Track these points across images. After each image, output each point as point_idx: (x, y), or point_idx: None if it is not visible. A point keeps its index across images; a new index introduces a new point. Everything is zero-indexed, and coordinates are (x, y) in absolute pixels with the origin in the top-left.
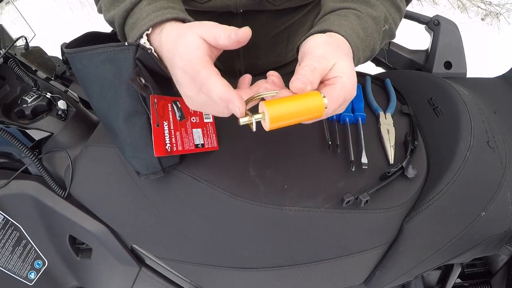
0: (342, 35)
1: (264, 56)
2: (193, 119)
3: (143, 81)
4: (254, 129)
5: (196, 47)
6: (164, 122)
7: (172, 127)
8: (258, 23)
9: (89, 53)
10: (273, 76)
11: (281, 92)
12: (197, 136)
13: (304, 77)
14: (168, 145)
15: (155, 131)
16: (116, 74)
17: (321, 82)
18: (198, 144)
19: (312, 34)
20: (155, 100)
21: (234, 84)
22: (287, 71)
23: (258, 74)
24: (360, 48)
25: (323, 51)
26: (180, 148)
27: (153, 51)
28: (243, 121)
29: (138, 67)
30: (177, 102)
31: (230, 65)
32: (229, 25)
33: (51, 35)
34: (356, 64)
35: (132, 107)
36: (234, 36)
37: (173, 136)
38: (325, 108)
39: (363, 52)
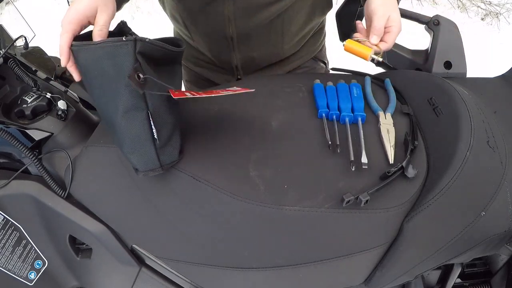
0: None
1: (259, 48)
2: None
3: (142, 76)
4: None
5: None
6: (186, 92)
7: (194, 93)
8: (249, 9)
9: (91, 47)
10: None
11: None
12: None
13: (378, 34)
14: (189, 94)
15: (173, 92)
16: (117, 69)
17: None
18: (229, 90)
19: None
20: (172, 91)
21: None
22: (286, 69)
23: (256, 70)
24: None
25: (382, 11)
26: (203, 94)
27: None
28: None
29: (138, 63)
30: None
31: (226, 59)
32: (221, 10)
33: (51, 35)
34: None
35: (131, 102)
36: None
37: (195, 93)
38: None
39: None
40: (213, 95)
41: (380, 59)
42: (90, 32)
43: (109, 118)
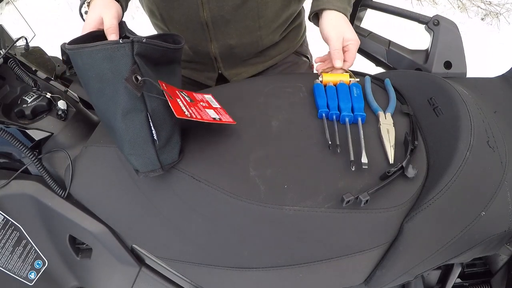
0: (335, 10)
1: (236, 34)
2: (202, 104)
3: (140, 78)
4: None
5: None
6: (177, 99)
7: (185, 103)
8: None
9: (88, 49)
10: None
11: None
12: (212, 113)
13: (339, 58)
14: (187, 112)
15: (172, 102)
16: (114, 71)
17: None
18: (215, 117)
19: (313, 13)
20: (164, 85)
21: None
22: (268, 64)
23: (237, 63)
24: (348, 5)
25: (335, 35)
26: (198, 116)
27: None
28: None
29: (136, 65)
30: (183, 92)
31: (204, 50)
32: None
33: (51, 35)
34: (350, 8)
35: (130, 104)
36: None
37: (189, 109)
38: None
39: (349, 3)
40: (207, 121)
41: (357, 79)
42: (87, 35)
43: (108, 120)
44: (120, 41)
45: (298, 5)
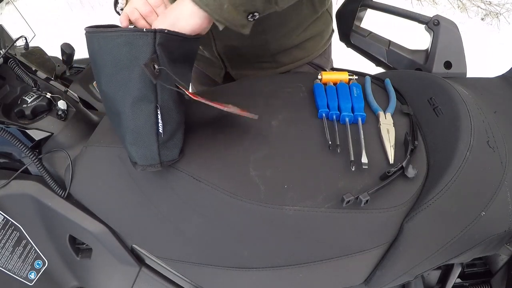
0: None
1: (237, 35)
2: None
3: (157, 67)
4: None
5: None
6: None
7: (207, 100)
8: None
9: (109, 34)
10: None
11: None
12: (233, 109)
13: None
14: (203, 100)
15: (190, 93)
16: (132, 58)
17: None
18: (234, 111)
19: None
20: (189, 92)
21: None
22: (279, 71)
23: (245, 65)
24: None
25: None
26: (217, 104)
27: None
28: None
29: (156, 55)
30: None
31: (208, 48)
32: None
33: (51, 35)
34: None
35: (142, 92)
36: None
37: (209, 101)
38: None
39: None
40: (221, 108)
41: (356, 77)
42: (104, 26)
43: (115, 107)
44: (144, 29)
45: (311, 9)
